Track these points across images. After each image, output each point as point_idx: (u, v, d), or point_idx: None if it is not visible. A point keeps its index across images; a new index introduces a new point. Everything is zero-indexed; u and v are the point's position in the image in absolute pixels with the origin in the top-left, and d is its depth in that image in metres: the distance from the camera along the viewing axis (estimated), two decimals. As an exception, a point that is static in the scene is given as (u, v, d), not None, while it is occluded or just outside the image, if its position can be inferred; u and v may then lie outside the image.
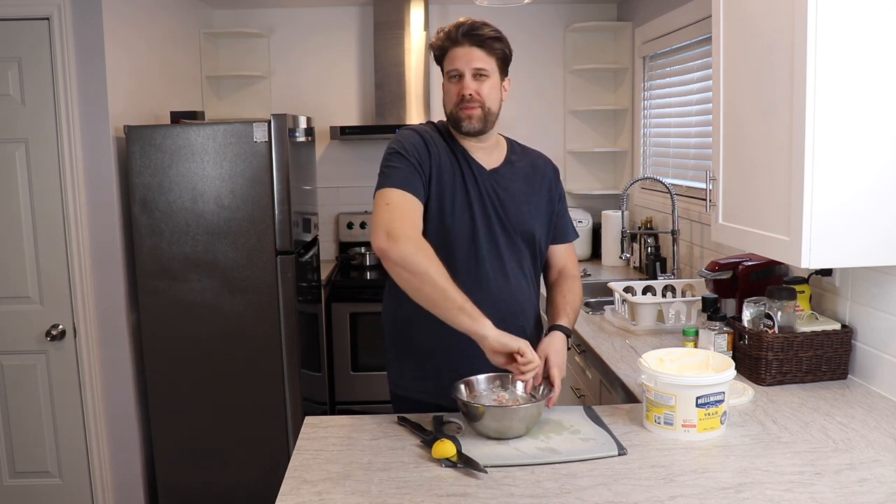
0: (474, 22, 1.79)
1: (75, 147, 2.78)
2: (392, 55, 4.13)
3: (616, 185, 4.42)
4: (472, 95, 1.78)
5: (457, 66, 1.78)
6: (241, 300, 2.96)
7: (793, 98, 1.68)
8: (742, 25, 1.93)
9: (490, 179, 1.86)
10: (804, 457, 1.54)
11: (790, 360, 1.98)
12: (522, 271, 1.89)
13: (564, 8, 4.34)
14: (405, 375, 1.93)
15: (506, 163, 1.90)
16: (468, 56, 1.78)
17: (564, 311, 1.88)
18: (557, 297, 1.93)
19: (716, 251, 2.91)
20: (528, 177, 1.92)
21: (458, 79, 1.79)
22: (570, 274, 1.99)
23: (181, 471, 3.05)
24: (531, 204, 1.90)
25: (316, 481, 1.46)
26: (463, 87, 1.78)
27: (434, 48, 1.84)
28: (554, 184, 1.97)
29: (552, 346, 1.78)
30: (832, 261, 1.70)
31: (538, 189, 1.93)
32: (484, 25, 1.79)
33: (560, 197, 1.99)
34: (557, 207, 1.97)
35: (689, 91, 3.36)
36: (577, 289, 1.96)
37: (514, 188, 1.88)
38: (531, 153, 1.99)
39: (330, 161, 4.38)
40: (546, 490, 1.41)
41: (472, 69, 1.77)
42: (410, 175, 1.75)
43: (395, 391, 1.98)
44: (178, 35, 3.69)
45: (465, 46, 1.78)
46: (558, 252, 2.00)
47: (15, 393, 2.89)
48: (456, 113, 1.81)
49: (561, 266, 2.00)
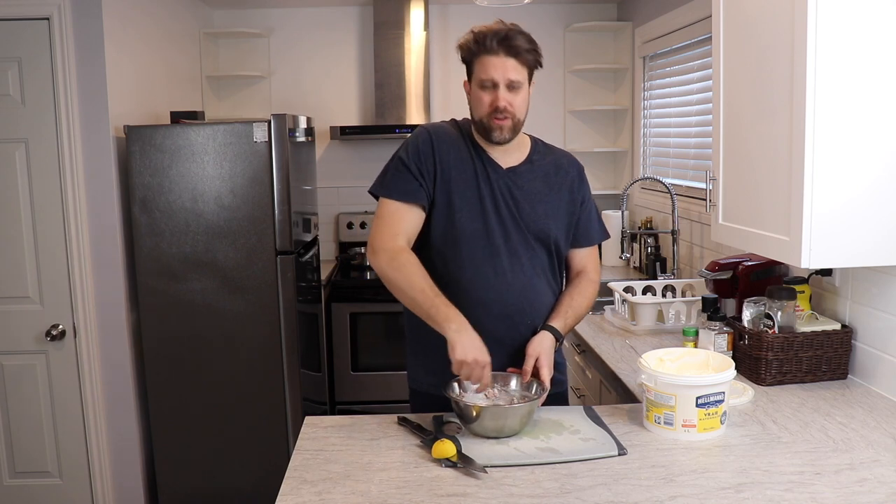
0: (509, 30, 1.76)
1: (75, 147, 2.78)
2: (392, 55, 4.13)
3: (616, 185, 4.42)
4: (505, 107, 1.77)
5: (492, 76, 1.75)
6: (241, 300, 2.96)
7: (792, 98, 1.68)
8: (742, 25, 1.93)
9: (506, 178, 1.85)
10: (804, 457, 1.54)
11: (790, 360, 1.99)
12: (535, 270, 1.87)
13: (564, 8, 4.34)
14: (419, 370, 1.95)
15: (526, 161, 1.89)
16: (503, 66, 1.75)
17: (563, 314, 1.86)
18: (564, 297, 1.92)
19: (716, 251, 2.91)
20: (549, 176, 1.90)
21: (492, 88, 1.77)
22: (588, 278, 1.96)
23: (181, 470, 3.04)
24: (548, 203, 1.88)
25: (316, 481, 1.46)
26: (497, 98, 1.76)
27: (463, 50, 1.80)
28: (577, 184, 1.94)
29: (542, 345, 1.78)
30: (832, 261, 1.71)
31: (557, 189, 1.90)
32: (519, 34, 1.76)
33: (584, 198, 1.95)
34: (580, 209, 1.93)
35: (689, 91, 3.36)
36: (588, 293, 1.93)
37: (530, 187, 1.87)
38: (556, 152, 1.96)
39: (330, 161, 4.38)
40: (546, 490, 1.41)
41: (506, 80, 1.75)
42: (406, 182, 1.81)
43: (411, 385, 1.99)
44: (178, 35, 3.69)
45: (500, 56, 1.74)
46: (578, 254, 1.97)
47: (15, 393, 2.89)
48: (487, 122, 1.79)
49: (580, 268, 1.97)
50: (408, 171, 1.81)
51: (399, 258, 1.76)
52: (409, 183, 1.81)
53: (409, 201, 1.81)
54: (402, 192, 1.81)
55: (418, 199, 1.81)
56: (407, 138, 1.89)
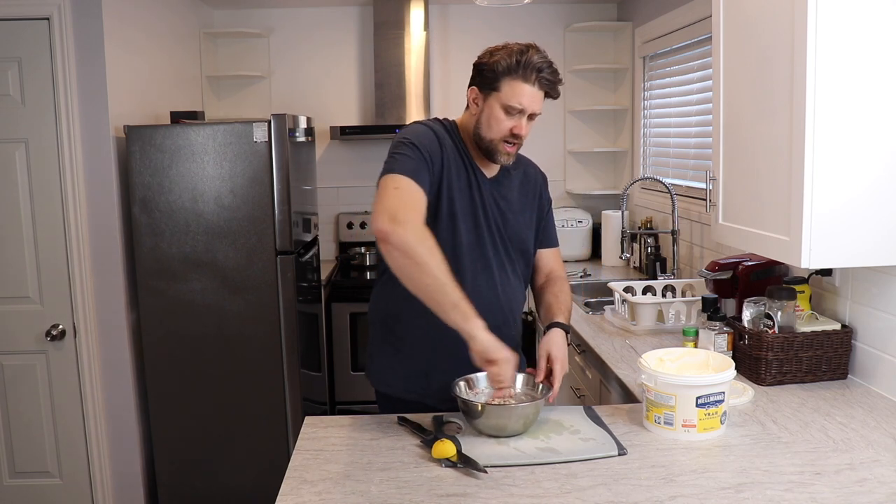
0: (552, 67, 1.75)
1: (75, 147, 2.78)
2: (392, 55, 4.13)
3: (616, 185, 4.42)
4: (522, 136, 1.79)
5: (523, 105, 1.75)
6: (240, 300, 2.96)
7: (793, 98, 1.68)
8: (742, 25, 1.93)
9: (491, 188, 1.87)
10: (804, 457, 1.54)
11: (790, 360, 1.99)
12: (518, 281, 1.92)
13: (564, 8, 4.33)
14: (393, 372, 1.92)
15: (503, 170, 1.91)
16: (536, 98, 1.76)
17: (560, 311, 1.90)
18: (550, 297, 1.95)
19: (716, 251, 2.91)
20: (522, 185, 1.95)
21: (517, 115, 1.76)
22: (559, 276, 2.02)
23: (181, 470, 3.05)
24: (524, 214, 1.93)
25: (316, 481, 1.46)
26: (520, 126, 1.77)
27: (500, 66, 1.74)
28: (543, 191, 2.01)
29: (554, 342, 1.79)
30: (832, 261, 1.71)
31: (530, 199, 1.96)
32: (556, 72, 1.77)
33: (548, 204, 2.03)
34: (546, 215, 2.01)
35: (689, 91, 3.36)
36: (567, 290, 1.99)
37: (510, 198, 1.90)
38: (522, 160, 1.99)
39: (330, 161, 4.38)
40: (546, 490, 1.41)
41: (532, 111, 1.78)
42: (420, 167, 1.70)
43: (381, 389, 1.96)
44: (178, 35, 3.69)
45: (534, 87, 1.75)
46: (546, 256, 2.03)
47: (15, 393, 2.89)
48: (498, 146, 1.79)
49: (549, 269, 2.03)
50: (421, 157, 1.72)
51: (430, 238, 1.59)
52: (423, 170, 1.71)
53: (423, 188, 1.69)
54: (419, 177, 1.69)
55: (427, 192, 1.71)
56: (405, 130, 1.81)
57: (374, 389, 1.98)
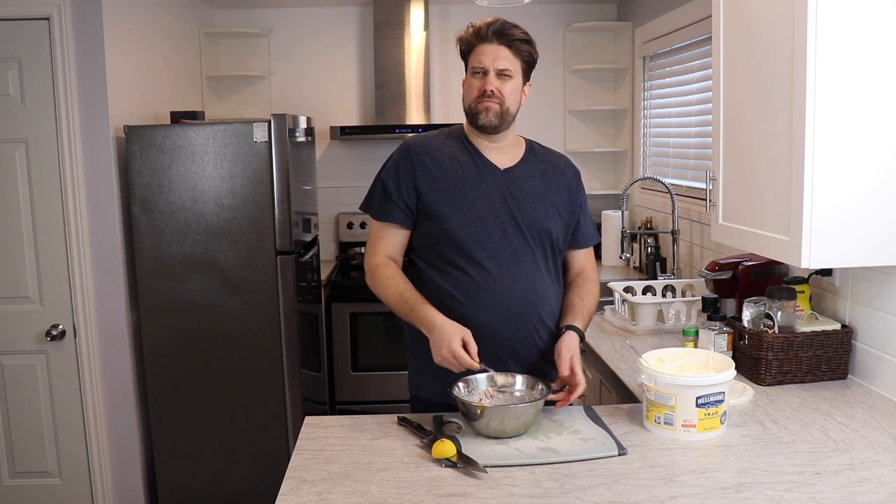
0: (506, 22, 1.81)
1: (75, 147, 2.78)
2: (392, 55, 4.13)
3: (616, 185, 4.42)
4: (493, 91, 1.79)
5: (483, 63, 1.80)
6: (240, 300, 2.96)
7: (793, 98, 1.68)
8: (742, 25, 1.93)
9: (503, 178, 1.86)
10: (804, 457, 1.54)
11: (790, 360, 1.99)
12: (538, 271, 1.87)
13: (564, 8, 4.33)
14: (423, 376, 1.93)
15: (522, 162, 1.90)
16: (495, 54, 1.79)
17: (580, 314, 1.87)
18: (575, 298, 1.92)
19: (716, 251, 2.91)
20: (546, 176, 1.91)
21: (482, 75, 1.81)
22: (590, 278, 1.98)
23: (181, 470, 3.04)
24: (547, 202, 1.89)
25: (316, 481, 1.46)
26: (486, 82, 1.80)
27: (462, 42, 1.86)
28: (574, 186, 1.96)
29: (574, 344, 1.79)
30: (832, 261, 1.71)
31: (555, 188, 1.91)
32: (515, 27, 1.81)
33: (582, 201, 1.98)
34: (579, 210, 1.96)
35: (689, 91, 3.36)
36: (595, 292, 1.96)
37: (528, 186, 1.88)
38: (552, 155, 1.98)
39: (330, 161, 4.38)
40: (546, 490, 1.41)
41: (496, 68, 1.79)
42: (384, 202, 1.88)
43: (413, 392, 1.98)
44: (178, 35, 3.69)
45: (493, 44, 1.80)
46: (578, 255, 2.00)
47: (15, 393, 2.89)
48: (474, 106, 1.83)
49: (579, 269, 1.99)
50: (385, 191, 1.88)
51: (376, 274, 1.88)
52: (388, 203, 1.88)
53: (388, 221, 1.89)
54: (380, 211, 1.90)
55: (396, 219, 1.88)
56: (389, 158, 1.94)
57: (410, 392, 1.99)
